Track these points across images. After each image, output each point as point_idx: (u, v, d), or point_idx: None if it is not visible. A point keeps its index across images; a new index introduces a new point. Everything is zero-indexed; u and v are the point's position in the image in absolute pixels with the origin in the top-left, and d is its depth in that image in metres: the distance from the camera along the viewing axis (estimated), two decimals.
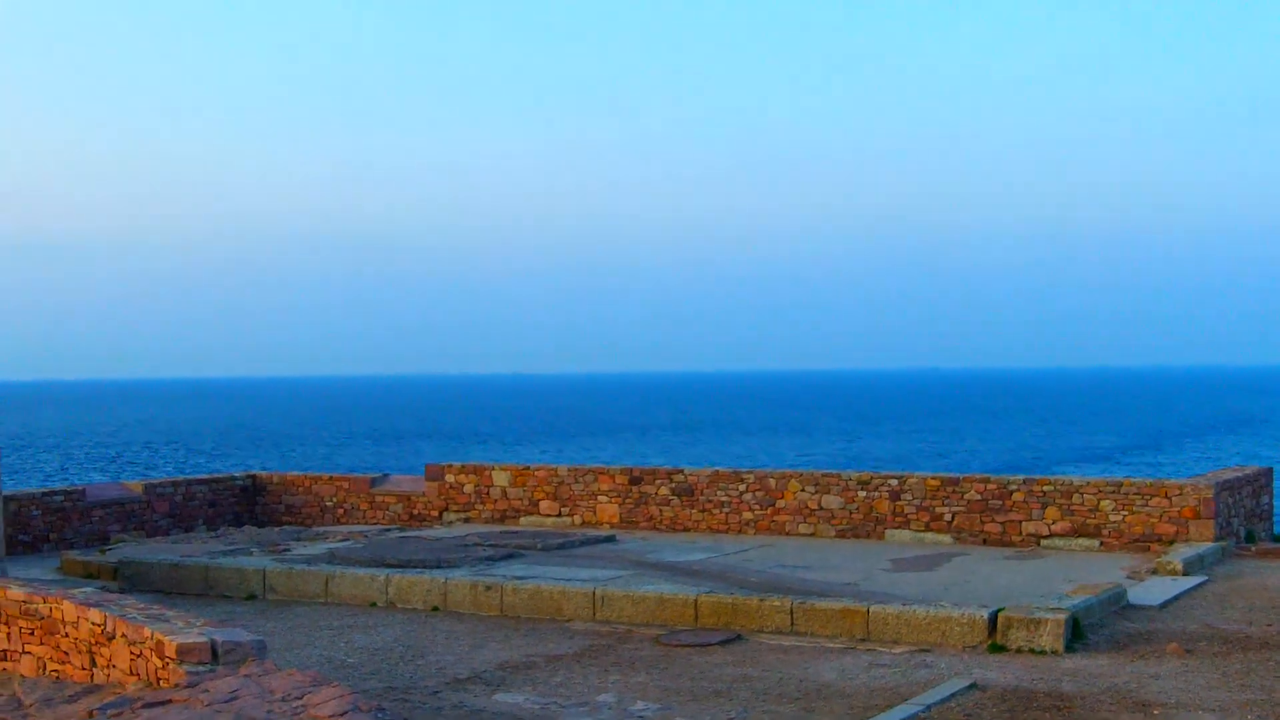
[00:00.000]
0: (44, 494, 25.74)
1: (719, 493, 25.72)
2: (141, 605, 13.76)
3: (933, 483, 24.32)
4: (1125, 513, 22.98)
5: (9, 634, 14.83)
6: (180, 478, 29.23)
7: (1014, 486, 23.76)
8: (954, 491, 24.09)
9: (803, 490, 25.13)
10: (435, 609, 19.25)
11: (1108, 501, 23.12)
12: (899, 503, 24.41)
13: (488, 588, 19.08)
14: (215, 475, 29.54)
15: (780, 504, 25.25)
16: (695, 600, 17.84)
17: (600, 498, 26.57)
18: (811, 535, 24.90)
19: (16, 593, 14.79)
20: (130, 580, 21.44)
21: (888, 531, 24.43)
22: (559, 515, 26.75)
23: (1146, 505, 22.90)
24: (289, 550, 22.83)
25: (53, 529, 25.41)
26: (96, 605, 13.54)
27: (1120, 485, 23.28)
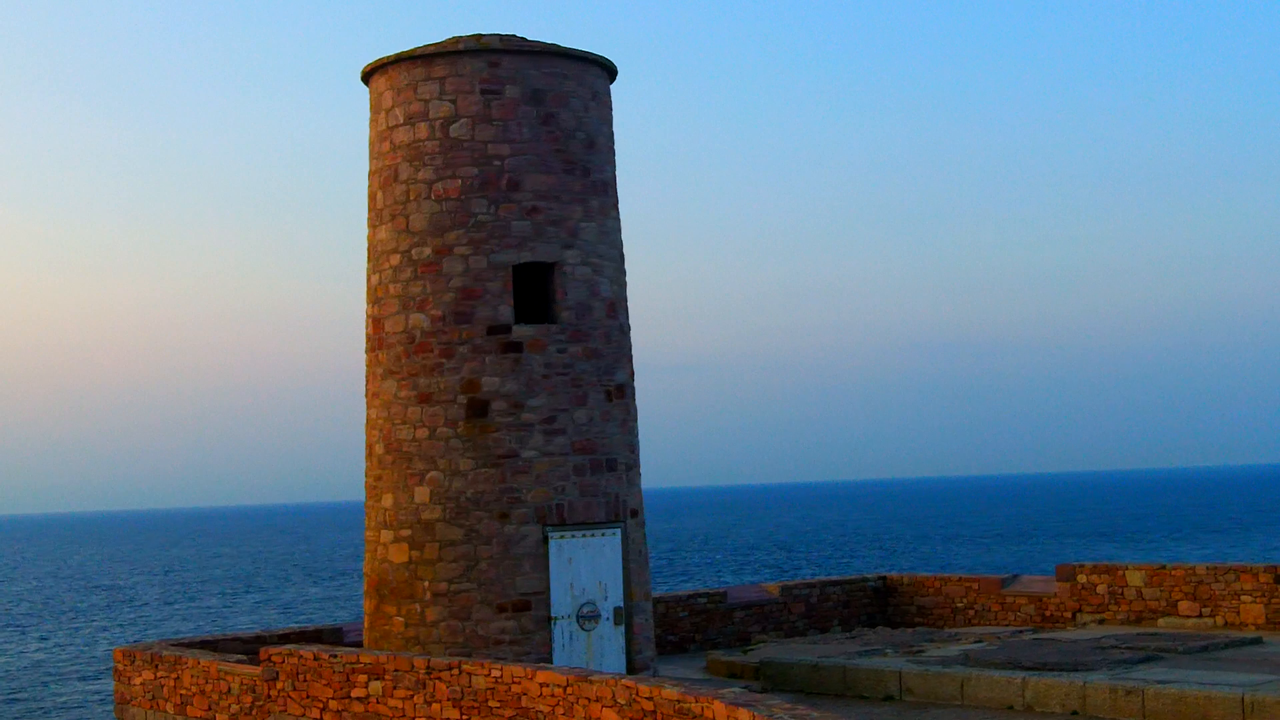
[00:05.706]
0: (690, 596, 27.15)
1: None
2: (786, 705, 14.32)
3: None
4: None
5: None
6: (815, 579, 30.03)
7: None
8: None
9: None
10: (1074, 713, 18.98)
11: None
12: None
13: (1128, 692, 18.66)
14: (848, 577, 30.20)
15: None
16: None
17: (1243, 597, 25.36)
18: None
19: (670, 691, 15.71)
20: (771, 680, 22.27)
21: None
22: (1199, 616, 25.73)
23: None
24: (923, 651, 23.06)
25: (697, 630, 26.73)
26: (745, 705, 14.18)
27: None
